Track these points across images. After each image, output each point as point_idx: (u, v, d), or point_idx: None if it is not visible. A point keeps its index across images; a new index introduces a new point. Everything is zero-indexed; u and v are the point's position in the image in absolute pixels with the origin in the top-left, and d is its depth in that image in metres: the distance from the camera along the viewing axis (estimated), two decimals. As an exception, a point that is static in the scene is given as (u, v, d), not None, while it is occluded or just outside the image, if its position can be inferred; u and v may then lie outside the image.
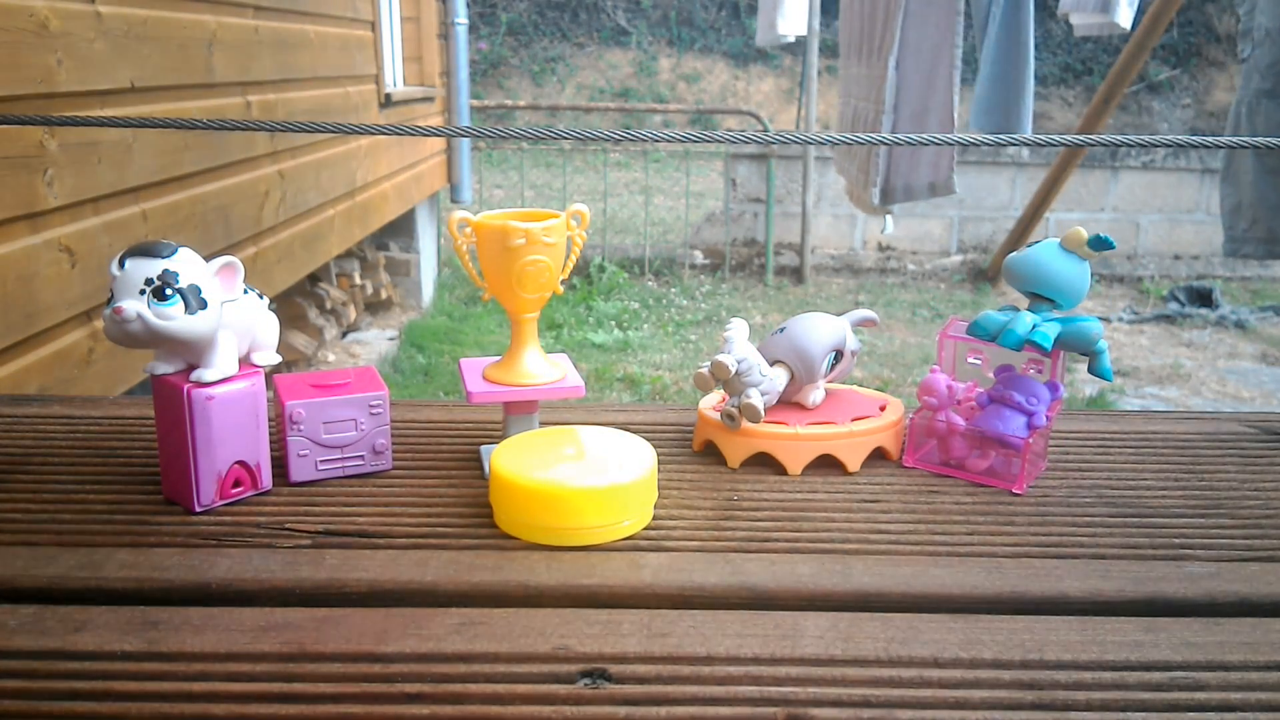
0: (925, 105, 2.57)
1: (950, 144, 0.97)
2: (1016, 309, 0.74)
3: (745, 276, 5.08)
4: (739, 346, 0.73)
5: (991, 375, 0.76)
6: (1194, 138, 0.90)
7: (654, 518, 0.66)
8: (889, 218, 2.98)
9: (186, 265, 0.62)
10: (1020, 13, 2.67)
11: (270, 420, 0.70)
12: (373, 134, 3.57)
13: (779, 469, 0.74)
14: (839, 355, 0.79)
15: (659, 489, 0.69)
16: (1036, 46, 2.74)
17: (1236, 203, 2.33)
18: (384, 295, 4.04)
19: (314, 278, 3.40)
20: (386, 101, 3.59)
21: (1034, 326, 0.71)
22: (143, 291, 0.61)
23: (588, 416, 0.84)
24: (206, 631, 0.52)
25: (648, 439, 0.70)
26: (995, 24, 2.69)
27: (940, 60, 2.53)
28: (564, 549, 0.62)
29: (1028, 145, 0.93)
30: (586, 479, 0.63)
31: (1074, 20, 2.73)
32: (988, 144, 0.92)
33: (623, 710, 0.47)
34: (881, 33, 2.70)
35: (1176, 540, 0.65)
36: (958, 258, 5.31)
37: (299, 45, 2.76)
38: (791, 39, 3.74)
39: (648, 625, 0.54)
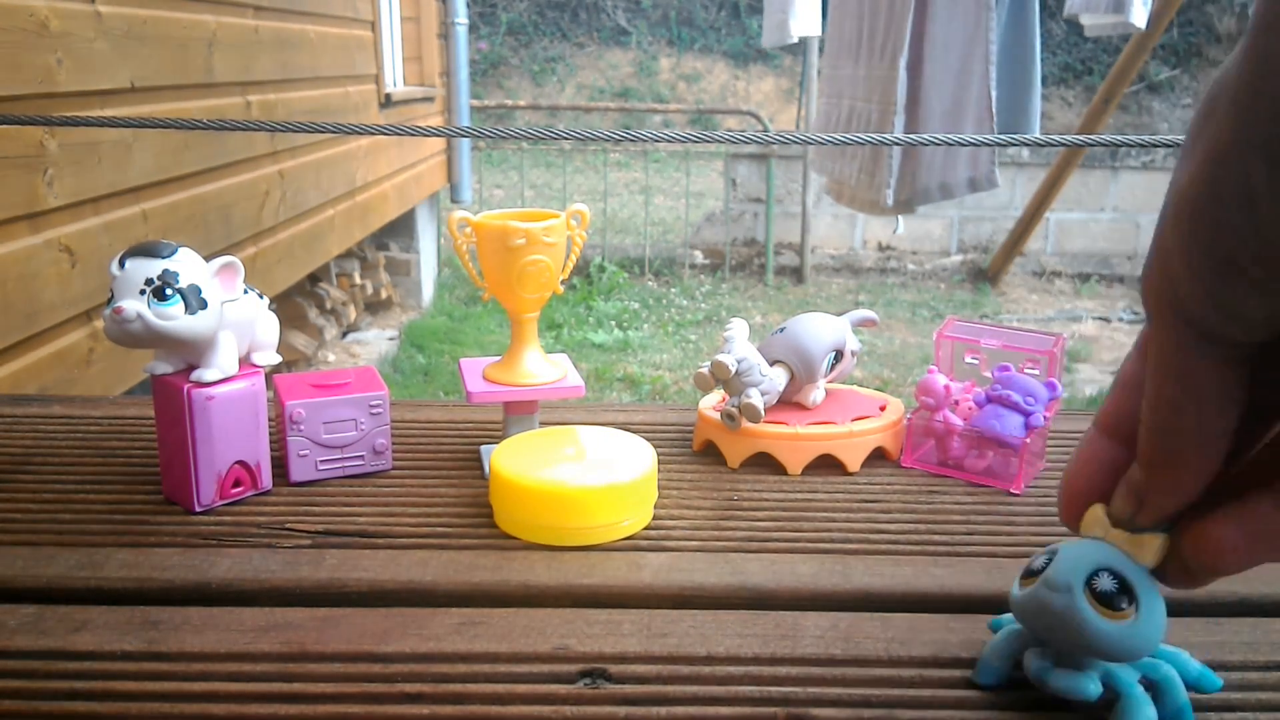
0: (959, 103, 2.55)
1: (949, 144, 0.97)
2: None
3: (745, 276, 5.08)
4: (739, 346, 0.73)
5: (989, 375, 0.76)
6: (1194, 138, 0.90)
7: (654, 518, 0.66)
8: (900, 218, 2.97)
9: (186, 265, 0.62)
10: (1026, 12, 2.66)
11: (270, 420, 0.70)
12: (373, 134, 3.57)
13: (779, 469, 0.74)
14: (839, 355, 0.79)
15: (659, 489, 0.69)
16: (1037, 46, 2.73)
17: None
18: (384, 295, 4.04)
19: (314, 278, 3.40)
20: (386, 101, 3.59)
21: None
22: (143, 291, 0.61)
23: (588, 416, 0.84)
24: (206, 631, 0.52)
25: (648, 439, 0.70)
26: (1001, 24, 2.68)
27: (973, 57, 2.51)
28: (564, 549, 0.62)
29: (1028, 145, 0.93)
30: (586, 479, 0.63)
31: (1085, 21, 2.71)
32: (989, 143, 0.92)
33: (623, 710, 0.47)
34: (885, 32, 2.69)
35: (1176, 540, 0.65)
36: (958, 258, 5.31)
37: (299, 45, 2.76)
38: (795, 40, 3.73)
39: (648, 625, 0.54)
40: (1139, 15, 2.55)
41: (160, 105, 1.96)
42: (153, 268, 0.61)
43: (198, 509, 0.66)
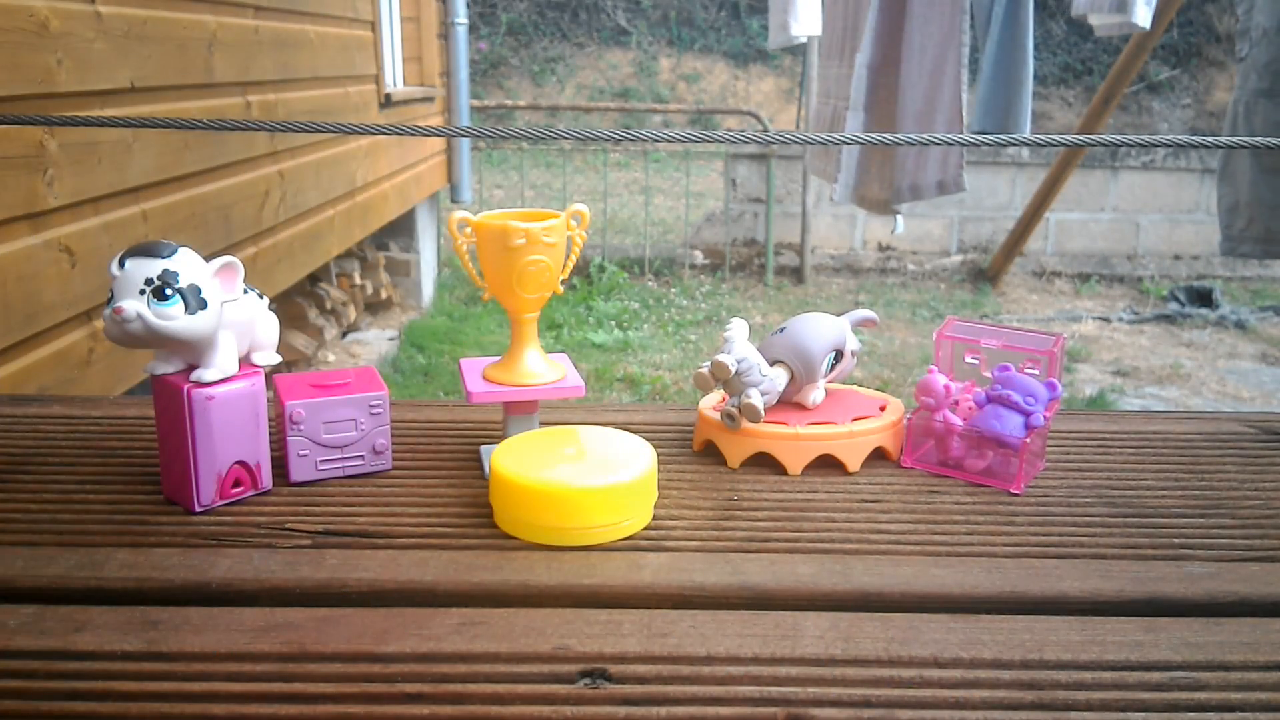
0: (931, 105, 2.56)
1: (949, 144, 0.97)
2: None
3: (745, 276, 5.08)
4: (739, 346, 0.73)
5: (989, 375, 0.76)
6: (1194, 138, 0.90)
7: (654, 518, 0.66)
8: (899, 218, 2.97)
9: (186, 265, 0.62)
10: (1021, 12, 2.66)
11: (270, 420, 0.70)
12: (373, 134, 3.57)
13: (779, 469, 0.74)
14: (839, 355, 0.79)
15: (659, 489, 0.69)
16: (1036, 46, 2.74)
17: (1234, 202, 2.32)
18: (384, 295, 4.03)
19: (314, 278, 3.40)
20: (386, 101, 3.59)
21: None
22: (143, 291, 0.61)
23: (588, 416, 0.84)
24: (206, 631, 0.52)
25: (648, 439, 0.70)
26: (997, 24, 2.68)
27: (946, 59, 2.52)
28: (564, 549, 0.62)
29: (1028, 145, 0.93)
30: (586, 479, 0.63)
31: (1093, 21, 2.71)
32: (988, 144, 0.92)
33: (623, 710, 0.47)
34: (859, 32, 2.69)
35: (1176, 540, 0.65)
36: (958, 258, 5.31)
37: (299, 45, 2.76)
38: (804, 40, 3.73)
39: (648, 625, 0.54)
40: (1143, 15, 2.55)
41: (160, 105, 1.96)
42: (152, 268, 0.61)
43: (198, 509, 0.66)
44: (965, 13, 2.48)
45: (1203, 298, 4.66)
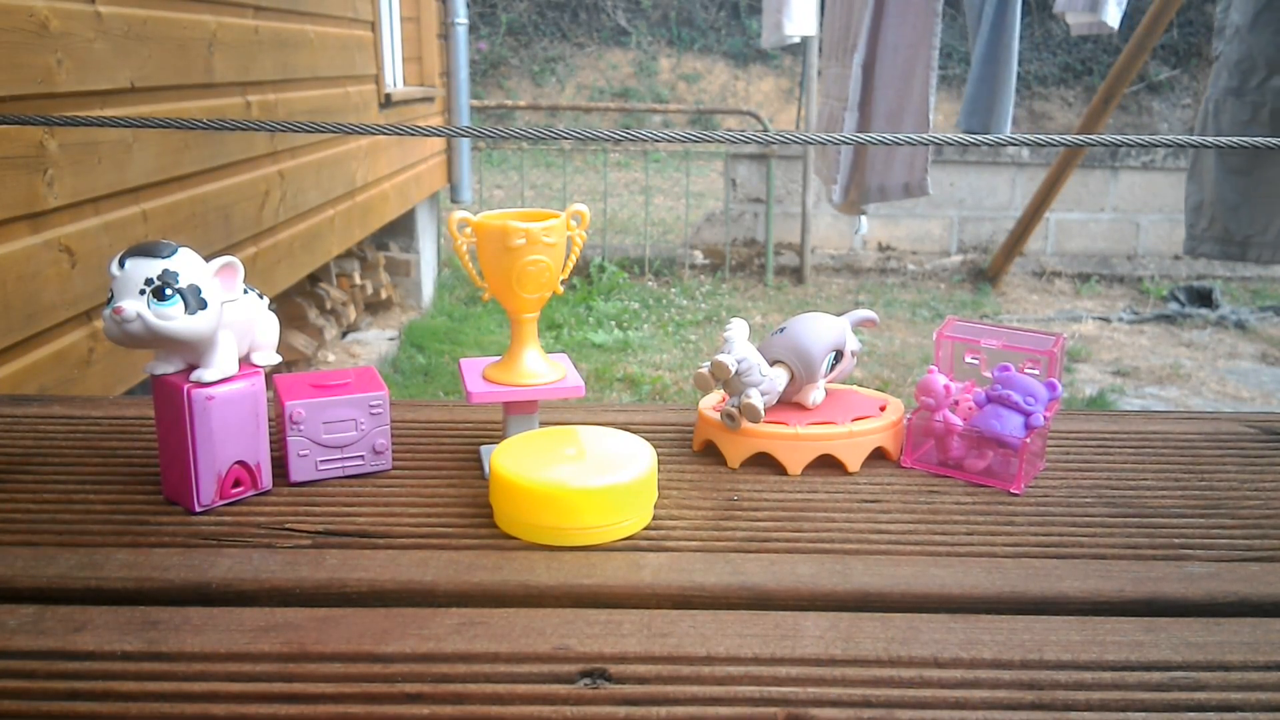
0: (900, 105, 2.57)
1: (949, 144, 0.97)
2: None
3: (745, 276, 5.08)
4: (739, 346, 0.73)
5: (989, 375, 0.76)
6: (1193, 138, 0.91)
7: (654, 518, 0.66)
8: (863, 218, 2.98)
9: (186, 265, 0.62)
10: (1008, 14, 2.67)
11: (270, 420, 0.70)
12: (373, 134, 3.57)
13: (779, 469, 0.74)
14: (839, 355, 0.79)
15: (659, 489, 0.69)
16: (1037, 46, 2.74)
17: (1199, 201, 2.32)
18: (384, 295, 4.03)
19: (314, 278, 3.40)
20: (386, 101, 3.59)
21: None
22: (143, 291, 0.61)
23: (588, 416, 0.84)
24: (206, 631, 0.52)
25: (648, 439, 0.70)
26: (987, 24, 2.69)
27: (917, 60, 2.53)
28: (564, 549, 0.62)
29: (1027, 145, 0.93)
30: (586, 479, 0.63)
31: (1069, 20, 2.72)
32: (987, 144, 0.92)
33: (623, 710, 0.47)
34: (855, 32, 2.70)
35: (1176, 540, 0.65)
36: (958, 258, 5.31)
37: (299, 45, 2.76)
38: (798, 40, 3.72)
39: (648, 625, 0.54)
40: (1113, 15, 2.56)
41: (160, 105, 1.96)
42: (152, 268, 0.61)
43: (198, 509, 0.66)
44: (938, 15, 2.49)
45: (1203, 298, 4.66)
